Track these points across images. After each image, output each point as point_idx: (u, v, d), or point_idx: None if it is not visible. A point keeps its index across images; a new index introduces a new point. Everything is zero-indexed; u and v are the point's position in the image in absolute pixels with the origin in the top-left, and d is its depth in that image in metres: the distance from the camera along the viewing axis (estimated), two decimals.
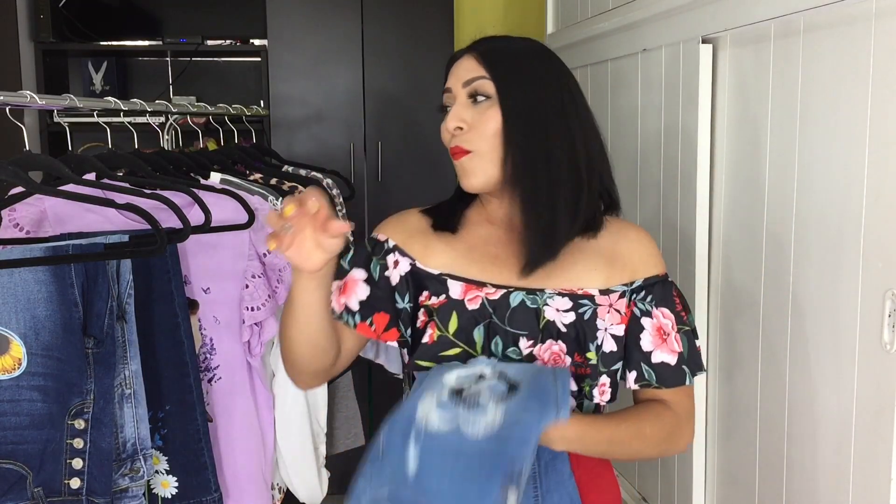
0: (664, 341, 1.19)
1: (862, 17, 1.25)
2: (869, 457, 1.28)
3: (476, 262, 1.20)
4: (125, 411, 1.32)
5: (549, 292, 1.17)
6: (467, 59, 1.19)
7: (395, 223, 1.26)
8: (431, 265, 1.21)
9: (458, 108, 1.17)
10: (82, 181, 1.42)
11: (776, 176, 1.51)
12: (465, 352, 1.16)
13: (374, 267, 1.23)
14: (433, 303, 1.18)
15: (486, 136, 1.15)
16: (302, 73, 3.08)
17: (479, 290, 1.18)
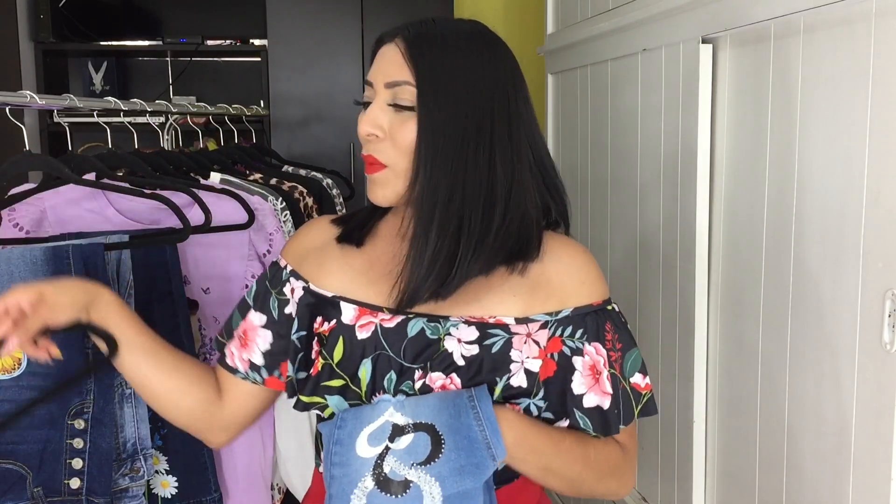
0: (596, 381, 1.02)
1: (862, 17, 1.25)
2: (869, 457, 1.28)
3: (375, 282, 1.05)
4: (125, 411, 1.32)
5: (453, 320, 1.01)
6: (393, 49, 1.02)
7: (296, 239, 1.13)
8: (326, 286, 1.07)
9: (376, 111, 1.01)
10: (82, 181, 1.42)
11: (776, 176, 1.51)
12: (347, 385, 1.02)
13: (273, 304, 1.10)
14: (324, 329, 1.05)
15: (403, 151, 1.00)
16: (302, 73, 3.08)
17: (374, 315, 1.03)
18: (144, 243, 1.38)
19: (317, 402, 1.04)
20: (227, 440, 1.18)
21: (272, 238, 1.61)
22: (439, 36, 1.02)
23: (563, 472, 1.00)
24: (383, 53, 1.03)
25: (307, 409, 1.05)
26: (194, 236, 1.44)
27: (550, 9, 2.70)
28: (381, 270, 1.06)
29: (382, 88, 1.01)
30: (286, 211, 1.79)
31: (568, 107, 2.52)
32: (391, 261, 1.05)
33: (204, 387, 1.12)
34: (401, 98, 0.99)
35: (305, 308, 1.07)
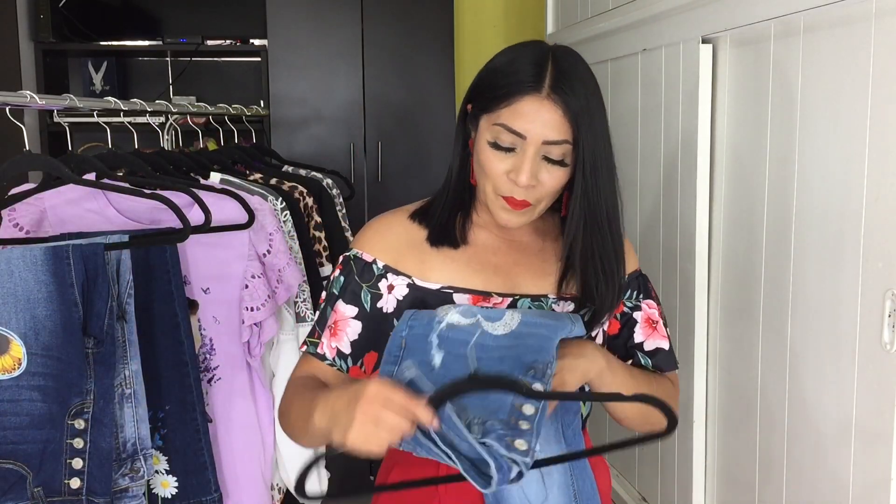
0: (654, 329, 1.20)
1: (862, 17, 1.25)
2: (869, 457, 1.28)
3: (478, 272, 1.14)
4: (125, 411, 1.32)
5: (552, 297, 1.14)
6: (552, 109, 1.05)
7: (379, 237, 1.17)
8: (432, 279, 1.14)
9: (533, 166, 1.06)
10: (82, 181, 1.42)
11: (776, 176, 1.51)
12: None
13: (365, 297, 1.14)
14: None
15: (552, 192, 1.10)
16: (302, 73, 3.08)
17: (486, 301, 1.12)
18: (144, 243, 1.38)
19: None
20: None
21: (272, 238, 1.61)
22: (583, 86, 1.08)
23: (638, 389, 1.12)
24: (539, 110, 1.05)
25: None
26: (194, 236, 1.44)
27: (550, 9, 2.70)
28: (481, 261, 1.15)
29: (539, 143, 1.06)
30: (286, 211, 1.79)
31: None
32: (486, 251, 1.16)
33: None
34: (560, 155, 1.07)
35: (413, 304, 1.13)
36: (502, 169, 1.08)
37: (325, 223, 2.04)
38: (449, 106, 3.10)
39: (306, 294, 1.76)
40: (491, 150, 1.08)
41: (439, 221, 1.16)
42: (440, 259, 1.14)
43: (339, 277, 1.17)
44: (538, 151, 1.06)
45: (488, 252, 1.16)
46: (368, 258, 1.15)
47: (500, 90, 1.07)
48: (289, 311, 1.69)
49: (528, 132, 1.05)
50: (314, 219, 1.99)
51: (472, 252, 1.16)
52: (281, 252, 1.62)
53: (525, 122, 1.05)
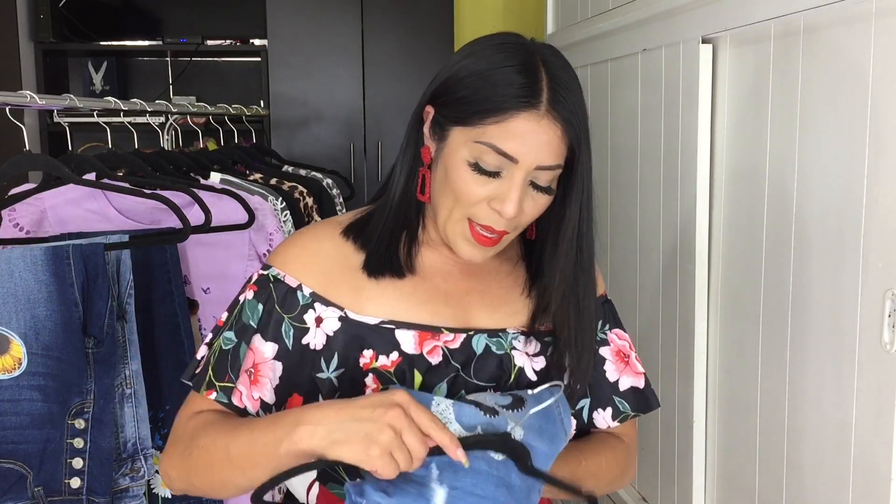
0: (626, 364, 1.05)
1: (862, 17, 1.25)
2: (869, 457, 1.28)
3: (425, 302, 0.96)
4: (125, 411, 1.32)
5: (512, 332, 0.98)
6: (551, 129, 0.89)
7: (308, 256, 0.97)
8: (368, 312, 0.95)
9: (522, 194, 0.91)
10: (82, 181, 1.42)
11: (776, 176, 1.51)
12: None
13: (287, 331, 0.95)
14: (383, 364, 0.93)
15: (530, 219, 0.95)
16: (302, 73, 3.08)
17: (436, 337, 0.95)
18: (144, 243, 1.38)
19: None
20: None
21: (272, 238, 1.61)
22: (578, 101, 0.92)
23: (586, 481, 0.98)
24: (534, 131, 0.89)
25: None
26: (194, 236, 1.44)
27: (550, 9, 2.70)
28: (430, 288, 0.98)
29: (531, 170, 0.90)
30: (286, 211, 1.79)
31: None
32: (434, 275, 0.99)
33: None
34: (543, 180, 0.92)
35: (345, 341, 0.94)
36: (482, 195, 0.91)
37: None
38: None
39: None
40: (469, 173, 0.90)
41: (378, 246, 0.97)
42: (380, 287, 0.96)
43: (256, 304, 0.96)
44: (528, 177, 0.90)
45: (437, 277, 0.99)
46: (293, 282, 0.96)
47: (486, 103, 0.89)
48: None
49: (521, 156, 0.89)
50: (314, 219, 1.99)
51: (419, 278, 0.98)
52: None
53: (519, 145, 0.88)
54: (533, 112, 0.88)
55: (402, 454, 0.77)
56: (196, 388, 0.96)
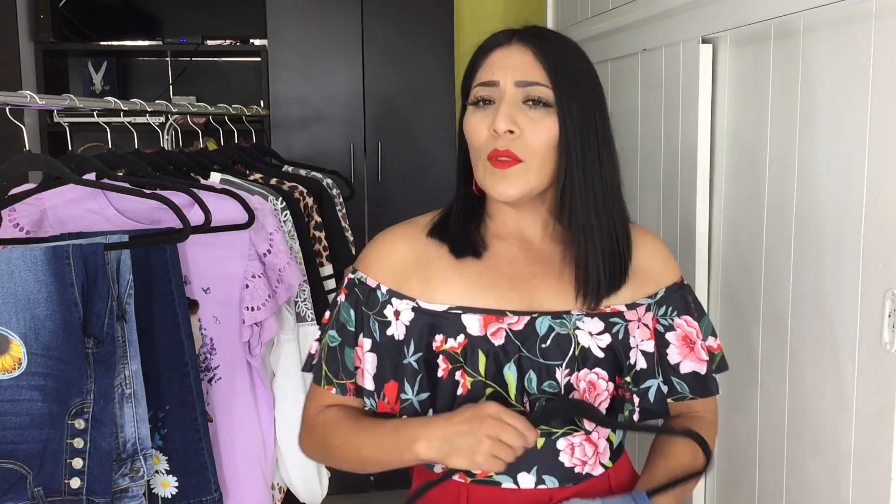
0: (692, 350, 1.12)
1: (862, 17, 1.25)
2: (869, 457, 1.28)
3: (491, 287, 1.06)
4: (125, 411, 1.32)
5: (576, 314, 1.06)
6: (522, 52, 1.03)
7: (384, 257, 1.10)
8: (437, 300, 1.06)
9: (510, 109, 1.02)
10: (82, 181, 1.42)
11: (776, 176, 1.51)
12: (497, 392, 1.04)
13: (373, 326, 1.08)
14: (451, 346, 1.04)
15: (540, 147, 1.02)
16: (302, 73, 3.08)
17: (500, 320, 1.04)
18: (144, 243, 1.38)
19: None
20: None
21: (272, 238, 1.61)
22: (557, 42, 1.06)
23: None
24: (507, 55, 1.04)
25: None
26: (194, 236, 1.44)
27: (550, 9, 2.70)
28: (495, 274, 1.08)
29: (513, 87, 1.02)
30: (286, 211, 1.79)
31: None
32: (498, 262, 1.09)
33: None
34: (538, 97, 1.02)
35: (420, 328, 1.06)
36: (485, 126, 1.03)
37: (326, 223, 2.04)
38: (449, 106, 3.10)
39: (306, 294, 1.76)
40: (472, 113, 1.05)
41: (455, 231, 1.10)
42: (446, 276, 1.07)
43: (349, 308, 1.11)
44: (515, 95, 1.02)
45: (503, 264, 1.09)
46: (372, 283, 1.10)
47: (473, 63, 1.07)
48: (289, 311, 1.69)
49: (499, 77, 1.03)
50: (314, 219, 1.99)
51: (485, 265, 1.08)
52: (281, 252, 1.62)
53: (496, 70, 1.03)
54: (505, 46, 1.05)
55: (504, 452, 0.95)
56: (316, 381, 1.14)
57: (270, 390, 1.66)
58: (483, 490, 1.07)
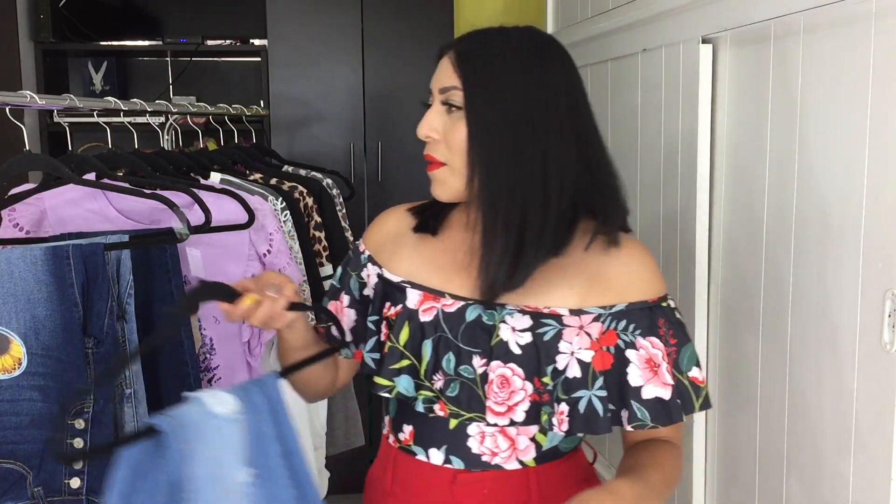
0: (655, 374, 1.07)
1: (862, 17, 1.25)
2: (869, 457, 1.28)
3: (441, 269, 1.14)
4: (125, 411, 1.32)
5: (509, 308, 1.09)
6: (448, 59, 1.11)
7: (375, 228, 1.24)
8: (396, 272, 1.17)
9: (431, 115, 1.11)
10: (82, 181, 1.42)
11: (776, 176, 1.51)
12: (413, 365, 1.12)
13: (354, 285, 1.22)
14: (391, 314, 1.15)
15: (456, 151, 1.07)
16: (302, 73, 3.08)
17: (437, 300, 1.12)
18: (144, 243, 1.38)
19: (387, 384, 1.13)
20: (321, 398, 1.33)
21: (272, 238, 1.61)
22: (487, 47, 1.11)
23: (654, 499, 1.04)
24: (440, 64, 1.12)
25: (378, 391, 1.14)
26: (194, 236, 1.44)
27: (550, 9, 2.70)
28: (449, 258, 1.15)
29: (437, 94, 1.11)
30: (286, 211, 1.79)
31: None
32: (460, 249, 1.14)
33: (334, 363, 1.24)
34: (451, 101, 1.08)
35: (379, 294, 1.18)
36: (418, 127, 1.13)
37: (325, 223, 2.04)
38: None
39: (306, 294, 1.76)
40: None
41: (430, 210, 1.20)
42: (409, 252, 1.18)
43: (339, 269, 1.25)
44: (438, 101, 1.10)
45: (461, 252, 1.14)
46: (362, 248, 1.23)
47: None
48: None
49: (432, 84, 1.12)
50: (314, 219, 1.99)
51: (444, 248, 1.16)
52: (281, 252, 1.62)
53: (434, 75, 1.12)
54: (443, 55, 1.12)
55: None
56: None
57: None
58: (405, 458, 1.18)
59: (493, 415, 1.08)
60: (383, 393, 1.14)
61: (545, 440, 1.13)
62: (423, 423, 1.15)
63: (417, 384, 1.12)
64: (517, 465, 1.13)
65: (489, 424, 1.10)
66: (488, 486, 1.13)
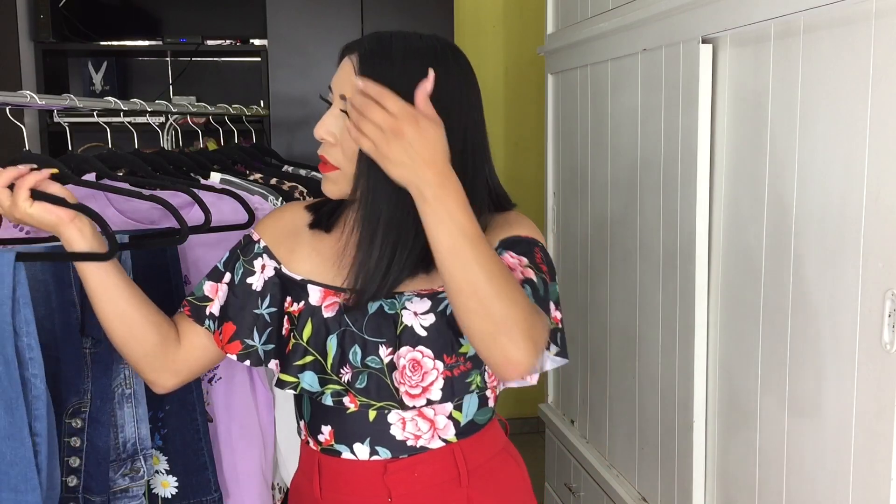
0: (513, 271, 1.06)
1: (862, 17, 1.25)
2: (869, 457, 1.28)
3: (341, 267, 1.15)
4: (125, 411, 1.32)
5: (407, 295, 1.12)
6: (347, 63, 1.11)
7: (271, 220, 1.25)
8: (295, 270, 1.19)
9: (328, 118, 1.14)
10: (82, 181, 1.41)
11: (776, 176, 1.51)
12: (317, 361, 1.15)
13: (238, 269, 1.21)
14: (294, 309, 1.18)
15: (349, 157, 1.11)
16: (302, 73, 3.08)
17: (338, 295, 1.15)
18: (144, 245, 1.38)
19: (291, 381, 1.16)
20: (172, 386, 1.24)
21: None
22: (388, 52, 1.08)
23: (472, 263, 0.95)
24: (342, 65, 1.13)
25: (284, 387, 1.16)
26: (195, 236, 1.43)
27: (550, 9, 2.70)
28: (346, 254, 1.15)
29: (337, 97, 1.13)
30: None
31: (568, 107, 2.52)
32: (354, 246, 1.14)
33: (167, 326, 1.20)
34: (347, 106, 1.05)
35: (277, 287, 1.19)
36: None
37: None
38: None
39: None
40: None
41: (326, 207, 1.22)
42: (307, 252, 1.20)
43: (227, 253, 1.25)
44: (337, 104, 1.13)
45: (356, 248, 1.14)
46: (256, 237, 1.23)
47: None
48: None
49: (332, 85, 1.15)
50: None
51: (341, 246, 1.17)
52: None
53: (334, 77, 1.15)
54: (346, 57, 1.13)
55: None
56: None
57: (270, 390, 1.66)
58: (329, 460, 1.18)
59: (409, 398, 1.11)
60: (288, 389, 1.16)
61: (461, 416, 1.17)
62: (342, 421, 1.17)
63: (322, 379, 1.14)
64: (441, 443, 1.17)
65: (407, 409, 1.13)
66: (418, 470, 1.16)
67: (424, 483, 1.16)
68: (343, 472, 1.18)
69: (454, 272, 0.95)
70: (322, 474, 1.20)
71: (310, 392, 1.16)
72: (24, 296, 1.05)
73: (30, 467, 1.05)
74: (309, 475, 1.22)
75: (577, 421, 2.59)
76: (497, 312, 0.95)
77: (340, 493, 1.18)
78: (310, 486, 1.22)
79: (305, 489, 1.23)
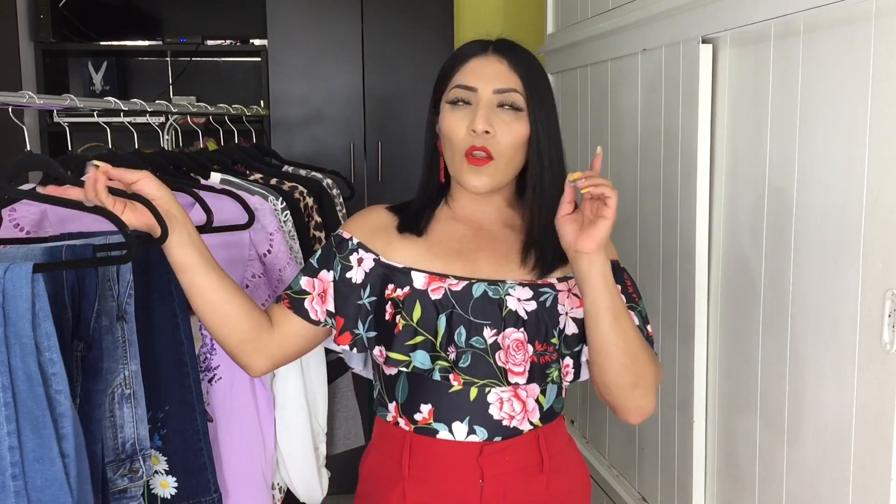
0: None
1: (862, 17, 1.25)
2: (869, 457, 1.28)
3: (439, 257, 1.26)
4: (124, 411, 1.31)
5: (510, 282, 1.23)
6: (497, 62, 1.22)
7: (359, 220, 1.32)
8: (395, 259, 1.26)
9: (488, 112, 1.20)
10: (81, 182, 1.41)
11: (776, 176, 1.51)
12: (429, 340, 1.22)
13: (336, 266, 1.28)
14: (398, 294, 1.24)
15: (511, 147, 1.20)
16: (302, 73, 3.08)
17: (443, 281, 1.23)
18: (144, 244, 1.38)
19: (402, 359, 1.22)
20: (265, 370, 1.32)
21: (272, 238, 1.61)
22: (525, 55, 1.24)
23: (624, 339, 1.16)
24: (485, 65, 1.22)
25: (396, 365, 1.22)
26: None
27: (550, 9, 2.70)
28: (443, 248, 1.26)
29: (490, 94, 1.20)
30: (286, 211, 1.79)
31: (568, 107, 2.52)
32: (452, 239, 1.27)
33: (258, 314, 1.27)
34: (512, 103, 1.20)
35: (377, 277, 1.26)
36: (462, 126, 1.20)
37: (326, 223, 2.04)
38: None
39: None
40: (450, 111, 1.22)
41: (408, 213, 1.30)
42: (405, 244, 1.27)
43: (319, 252, 1.31)
44: (491, 101, 1.20)
45: (452, 240, 1.27)
46: (346, 235, 1.29)
47: (450, 67, 1.25)
48: None
49: (478, 84, 1.21)
50: (314, 219, 1.99)
51: (435, 241, 1.27)
52: (281, 252, 1.62)
53: (474, 76, 1.21)
54: (482, 56, 1.23)
55: None
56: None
57: (270, 390, 1.66)
58: (423, 440, 1.24)
59: (514, 375, 1.21)
60: (400, 368, 1.23)
61: (545, 401, 1.26)
62: (444, 399, 1.23)
63: (433, 357, 1.22)
64: (529, 426, 1.25)
65: (509, 384, 1.21)
66: (508, 454, 1.24)
67: (512, 466, 1.24)
68: (437, 453, 1.23)
69: (614, 330, 1.15)
70: (413, 455, 1.24)
71: (421, 370, 1.22)
72: (43, 309, 1.03)
73: (63, 490, 1.00)
74: (394, 456, 1.27)
75: (577, 421, 2.59)
76: (640, 368, 1.17)
77: (431, 474, 1.24)
78: (395, 466, 1.26)
79: (388, 470, 1.28)
